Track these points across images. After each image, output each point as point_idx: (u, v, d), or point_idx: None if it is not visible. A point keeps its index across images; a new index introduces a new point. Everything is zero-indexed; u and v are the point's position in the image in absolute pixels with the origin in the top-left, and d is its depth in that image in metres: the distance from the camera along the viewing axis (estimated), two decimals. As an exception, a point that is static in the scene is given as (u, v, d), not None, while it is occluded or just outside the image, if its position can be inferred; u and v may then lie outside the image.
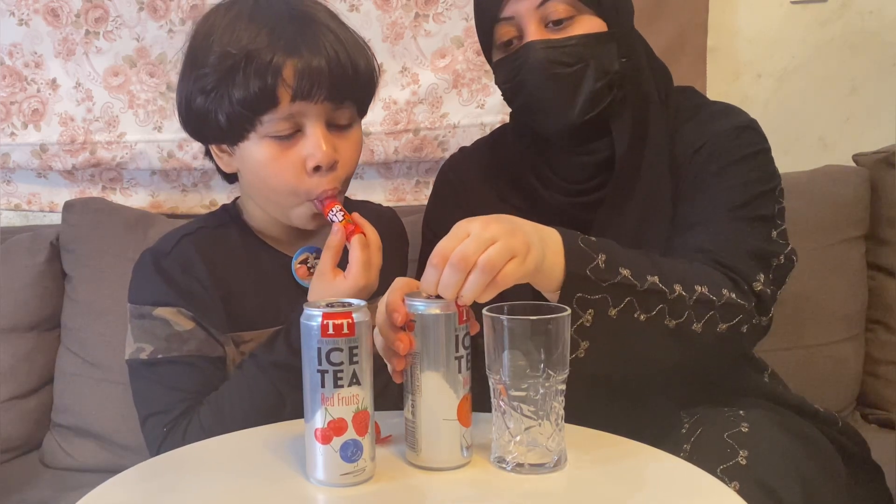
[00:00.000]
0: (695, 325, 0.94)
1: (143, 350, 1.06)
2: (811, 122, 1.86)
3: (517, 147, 1.21)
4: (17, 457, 1.62)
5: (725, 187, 1.07)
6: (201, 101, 1.03)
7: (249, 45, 0.99)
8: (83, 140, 1.79)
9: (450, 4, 1.77)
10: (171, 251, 1.10)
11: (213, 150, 1.11)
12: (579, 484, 0.81)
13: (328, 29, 1.04)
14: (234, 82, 1.00)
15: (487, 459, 0.84)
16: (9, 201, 1.87)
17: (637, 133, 1.12)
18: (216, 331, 1.07)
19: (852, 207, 1.66)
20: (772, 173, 1.11)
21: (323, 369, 0.77)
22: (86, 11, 1.77)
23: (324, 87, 1.00)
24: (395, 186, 1.87)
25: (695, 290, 0.94)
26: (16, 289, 1.64)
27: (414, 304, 0.82)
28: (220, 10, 1.06)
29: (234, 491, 0.81)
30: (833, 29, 1.84)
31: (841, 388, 1.65)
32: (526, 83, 1.08)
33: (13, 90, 1.79)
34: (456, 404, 0.82)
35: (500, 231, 0.80)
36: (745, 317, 0.98)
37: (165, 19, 1.77)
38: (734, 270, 1.01)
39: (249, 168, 1.07)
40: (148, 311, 1.06)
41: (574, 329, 0.88)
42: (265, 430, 0.95)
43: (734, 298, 0.97)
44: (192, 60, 1.05)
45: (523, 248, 0.81)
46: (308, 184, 1.03)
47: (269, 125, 1.02)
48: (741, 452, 0.89)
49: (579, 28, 1.07)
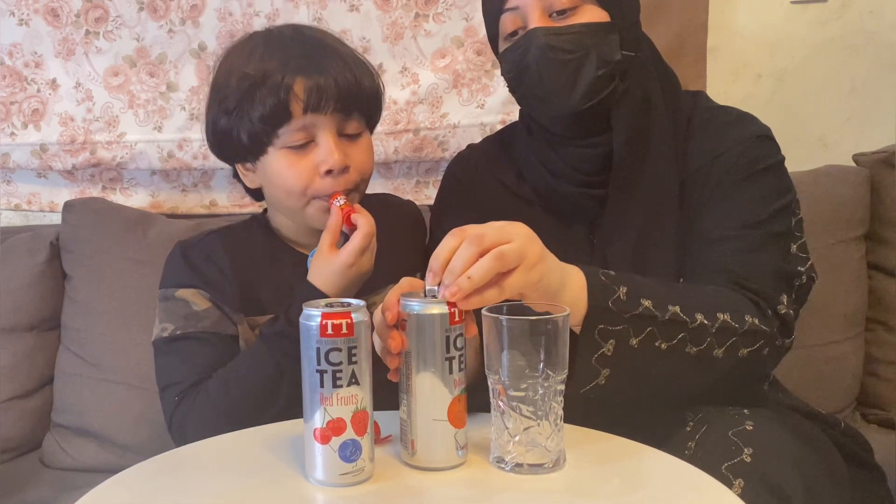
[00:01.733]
0: (716, 350, 0.96)
1: (166, 329, 1.14)
2: (811, 122, 1.86)
3: (526, 139, 1.22)
4: (17, 457, 1.62)
5: (746, 201, 1.08)
6: (225, 122, 1.14)
7: (264, 67, 1.11)
8: (83, 140, 1.79)
9: (450, 4, 1.77)
10: (199, 243, 1.21)
11: (239, 169, 1.21)
12: (578, 484, 0.81)
13: (335, 51, 1.15)
14: (252, 101, 1.10)
15: (486, 459, 0.84)
16: (9, 201, 1.87)
17: (638, 129, 1.12)
18: (230, 310, 1.15)
19: (852, 207, 1.66)
20: (788, 186, 1.12)
21: (322, 369, 0.77)
22: (86, 11, 1.77)
23: (332, 100, 1.10)
24: (396, 186, 1.87)
25: (717, 318, 0.96)
26: (16, 289, 1.64)
27: (408, 303, 0.82)
28: (237, 45, 1.19)
29: (234, 491, 0.81)
30: (833, 29, 1.84)
31: (841, 388, 1.64)
32: (528, 69, 1.10)
33: (13, 90, 1.79)
34: (447, 405, 0.82)
35: (521, 234, 0.84)
36: (767, 341, 1.00)
37: (165, 19, 1.77)
38: (758, 294, 1.02)
39: (270, 178, 1.15)
40: (171, 293, 1.16)
41: (595, 358, 0.90)
42: (265, 429, 0.95)
43: (757, 324, 0.99)
44: (216, 88, 1.16)
45: (535, 259, 0.83)
46: (320, 185, 1.12)
47: (284, 137, 1.11)
48: (746, 450, 0.89)
49: (582, 18, 1.10)
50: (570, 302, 0.87)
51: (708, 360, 0.96)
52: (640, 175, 1.12)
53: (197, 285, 1.16)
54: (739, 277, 1.03)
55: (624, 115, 1.12)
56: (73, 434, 1.61)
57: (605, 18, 1.10)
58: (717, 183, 1.10)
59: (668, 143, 1.13)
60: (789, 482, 0.87)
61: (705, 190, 1.10)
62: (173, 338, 1.14)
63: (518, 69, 1.12)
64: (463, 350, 0.82)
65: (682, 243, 1.10)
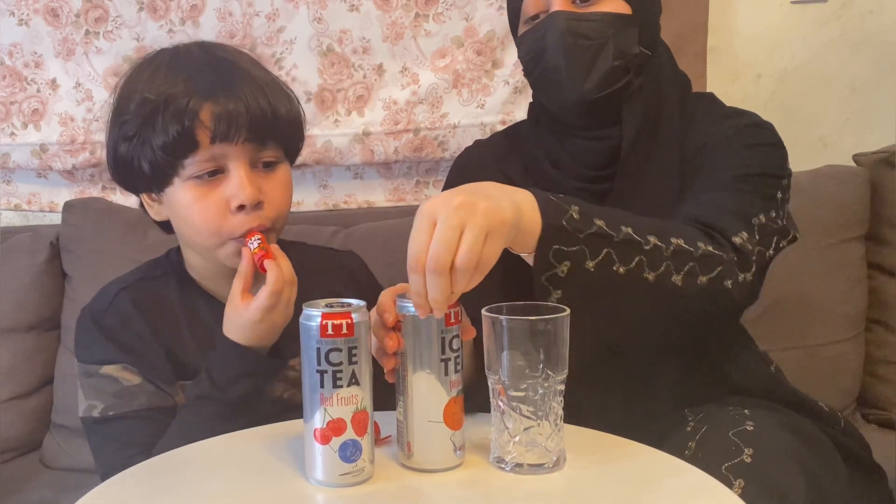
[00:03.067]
0: (674, 276, 0.92)
1: (95, 408, 1.06)
2: (811, 122, 1.86)
3: (532, 132, 1.22)
4: (17, 457, 1.62)
5: (722, 166, 1.07)
6: (124, 149, 1.04)
7: (167, 90, 1.01)
8: (83, 140, 1.79)
9: (450, 4, 1.77)
10: (109, 307, 1.10)
11: (144, 200, 1.11)
12: (578, 484, 0.81)
13: (248, 74, 1.05)
14: (153, 128, 1.01)
15: (486, 460, 0.84)
16: (9, 201, 1.87)
17: (648, 126, 1.12)
18: (163, 383, 1.07)
19: (852, 207, 1.66)
20: (779, 164, 1.09)
21: (322, 369, 0.77)
22: (86, 11, 1.77)
23: (243, 129, 1.01)
24: (395, 186, 1.87)
25: (671, 242, 0.92)
26: (16, 289, 1.64)
27: (403, 304, 0.81)
28: (143, 62, 1.08)
29: (234, 491, 0.81)
30: (833, 29, 1.84)
31: (841, 388, 1.65)
32: (545, 52, 1.10)
33: (13, 90, 1.79)
34: (443, 406, 0.81)
35: (467, 210, 0.77)
36: (725, 269, 0.95)
37: (165, 19, 1.77)
38: (712, 227, 0.99)
39: (176, 212, 1.06)
40: (94, 369, 1.06)
41: (546, 278, 0.86)
42: (265, 429, 0.95)
43: (711, 250, 0.95)
44: (116, 109, 1.06)
45: (496, 221, 0.78)
46: (232, 223, 1.03)
47: (191, 168, 1.02)
48: (746, 450, 0.89)
49: (605, 7, 1.10)
50: (524, 227, 0.83)
51: (668, 287, 0.92)
52: (646, 171, 1.12)
53: (121, 360, 1.06)
54: (695, 215, 1.00)
55: (635, 110, 1.12)
56: (73, 434, 1.60)
57: (627, 11, 1.11)
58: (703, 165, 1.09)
59: (675, 141, 1.13)
60: (790, 483, 0.87)
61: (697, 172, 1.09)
62: (106, 418, 1.05)
63: (535, 51, 1.12)
64: (459, 352, 0.82)
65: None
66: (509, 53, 1.77)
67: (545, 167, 1.18)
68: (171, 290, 1.12)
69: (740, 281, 0.97)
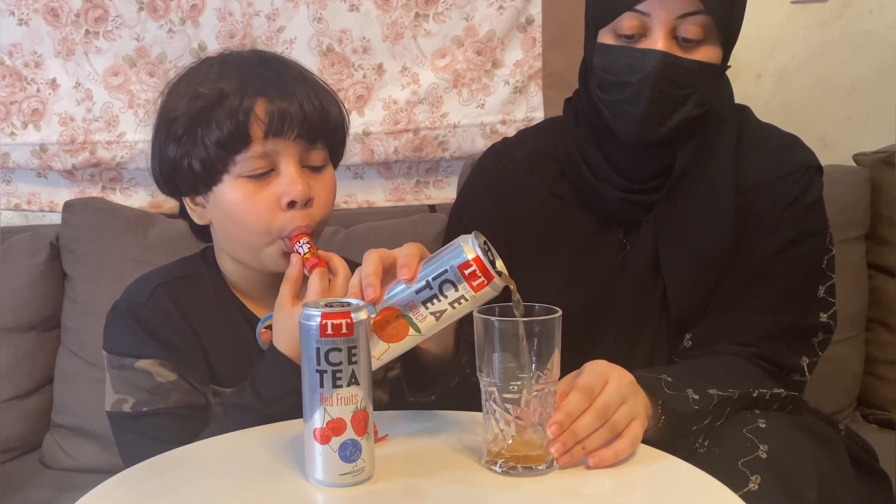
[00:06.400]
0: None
1: (126, 402, 1.03)
2: (811, 122, 1.86)
3: (572, 136, 1.19)
4: (17, 457, 1.62)
5: (781, 271, 1.12)
6: (173, 149, 1.03)
7: (221, 86, 1.01)
8: (83, 140, 1.79)
9: (450, 4, 1.77)
10: (148, 301, 1.07)
11: (187, 204, 1.09)
12: (574, 485, 0.81)
13: (300, 74, 1.06)
14: (206, 124, 1.00)
15: (479, 462, 0.84)
16: (9, 201, 1.87)
17: (704, 147, 1.13)
18: (198, 382, 1.05)
19: (852, 207, 1.66)
20: (826, 222, 1.17)
21: (322, 369, 0.77)
22: (86, 11, 1.76)
23: (295, 125, 1.01)
24: (395, 186, 1.87)
25: (749, 392, 1.00)
26: (16, 289, 1.64)
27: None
28: (189, 69, 1.08)
29: (234, 491, 0.81)
30: (833, 29, 1.84)
31: (841, 388, 1.65)
32: (633, 85, 1.07)
33: (13, 90, 1.79)
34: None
35: (631, 392, 0.88)
36: (787, 400, 1.04)
37: (165, 19, 1.77)
38: (776, 364, 1.08)
39: (223, 212, 1.04)
40: (129, 362, 1.04)
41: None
42: (265, 429, 0.95)
43: (776, 392, 1.03)
44: (164, 111, 1.06)
45: (643, 412, 0.89)
46: (282, 220, 1.02)
47: (242, 165, 1.01)
48: (761, 447, 0.90)
49: (703, 54, 1.07)
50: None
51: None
52: (699, 192, 1.13)
53: (159, 356, 1.03)
54: (756, 349, 1.08)
55: (694, 135, 1.12)
56: (73, 434, 1.61)
57: (719, 59, 1.09)
58: (758, 213, 1.13)
59: (730, 168, 1.14)
60: (804, 479, 0.89)
61: (756, 210, 1.13)
62: (138, 414, 1.02)
63: (620, 75, 1.08)
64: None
65: (733, 259, 1.12)
66: (509, 53, 1.77)
67: (584, 174, 1.16)
68: (207, 291, 1.11)
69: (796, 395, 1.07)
